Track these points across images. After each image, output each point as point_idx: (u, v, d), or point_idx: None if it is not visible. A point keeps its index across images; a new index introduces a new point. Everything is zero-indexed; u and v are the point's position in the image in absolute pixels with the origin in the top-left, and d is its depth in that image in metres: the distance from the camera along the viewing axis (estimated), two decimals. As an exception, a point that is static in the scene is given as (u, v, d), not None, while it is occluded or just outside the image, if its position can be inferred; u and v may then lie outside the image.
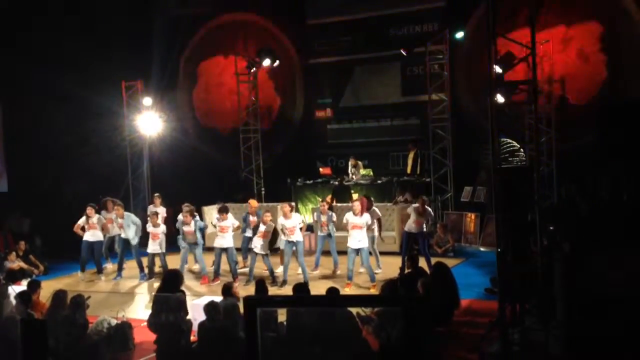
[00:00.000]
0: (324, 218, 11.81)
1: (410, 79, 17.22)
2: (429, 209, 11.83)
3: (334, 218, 11.87)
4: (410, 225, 11.64)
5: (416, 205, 11.73)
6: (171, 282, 8.26)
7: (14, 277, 12.25)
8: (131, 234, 12.60)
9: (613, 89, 14.81)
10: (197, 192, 16.16)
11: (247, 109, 18.00)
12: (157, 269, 12.60)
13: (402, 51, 15.74)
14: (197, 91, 20.00)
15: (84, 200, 13.16)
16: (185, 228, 12.02)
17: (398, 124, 17.55)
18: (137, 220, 12.84)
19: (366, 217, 10.98)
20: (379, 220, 11.98)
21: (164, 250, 12.32)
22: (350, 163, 16.41)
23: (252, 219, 12.12)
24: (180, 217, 12.28)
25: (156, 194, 14.21)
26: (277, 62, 17.15)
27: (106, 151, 16.05)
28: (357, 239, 10.83)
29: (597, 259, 7.37)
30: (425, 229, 11.72)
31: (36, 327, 6.22)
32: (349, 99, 18.20)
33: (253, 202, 12.62)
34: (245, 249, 12.83)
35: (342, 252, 11.82)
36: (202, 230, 12.35)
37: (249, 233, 12.34)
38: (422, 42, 15.87)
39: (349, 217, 11.03)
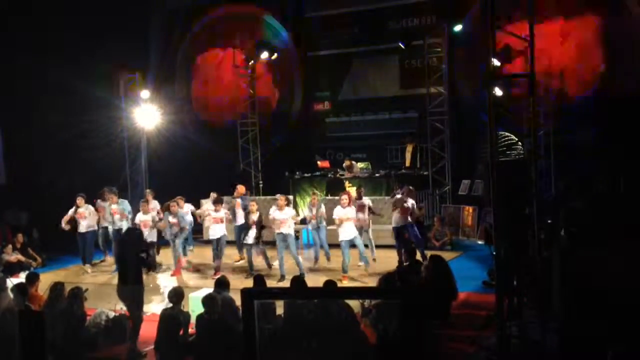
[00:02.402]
0: (313, 211, 11.94)
1: (408, 72, 17.19)
2: (411, 200, 11.82)
3: (322, 209, 11.93)
4: (396, 219, 11.62)
5: (399, 196, 11.77)
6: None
7: (12, 269, 12.26)
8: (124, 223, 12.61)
9: (611, 82, 14.80)
10: (195, 184, 16.13)
11: (245, 101, 17.99)
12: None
13: (400, 44, 15.73)
14: (195, 84, 19.94)
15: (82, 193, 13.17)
16: (170, 218, 12.07)
17: (396, 117, 17.54)
18: (129, 208, 12.82)
19: (353, 210, 11.09)
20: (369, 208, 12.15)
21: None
22: (345, 164, 16.38)
23: (238, 201, 12.42)
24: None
25: (148, 190, 14.18)
26: (275, 55, 17.13)
27: (104, 144, 15.99)
28: (348, 231, 10.92)
29: (594, 251, 7.38)
30: (410, 220, 11.63)
31: (34, 320, 6.23)
32: (347, 92, 18.18)
33: (241, 188, 12.98)
34: (239, 240, 12.82)
35: (333, 246, 11.80)
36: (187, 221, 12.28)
37: (240, 221, 12.36)
38: (421, 35, 15.84)
39: (337, 211, 11.11)
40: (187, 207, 12.94)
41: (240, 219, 12.30)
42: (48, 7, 15.62)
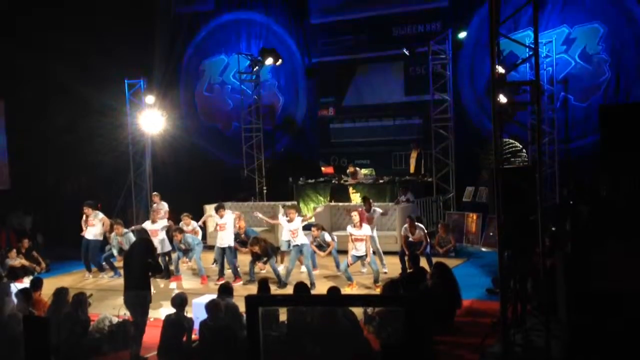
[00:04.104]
0: (315, 242, 11.69)
1: (413, 79, 17.21)
2: (421, 227, 11.79)
3: (327, 238, 11.71)
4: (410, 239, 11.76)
5: (406, 226, 11.78)
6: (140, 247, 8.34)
7: (16, 274, 12.26)
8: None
9: (615, 90, 14.81)
10: (199, 190, 16.19)
11: (249, 107, 18.03)
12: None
13: (404, 51, 15.76)
14: (200, 89, 20.02)
15: (86, 198, 13.18)
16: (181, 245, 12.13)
17: (401, 124, 17.55)
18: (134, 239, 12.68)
19: (366, 229, 10.96)
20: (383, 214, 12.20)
21: (165, 249, 12.35)
22: (349, 171, 16.39)
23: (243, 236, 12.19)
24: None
25: (154, 193, 14.22)
26: (280, 61, 17.17)
27: (108, 149, 16.06)
28: (360, 250, 10.88)
29: (598, 258, 7.37)
30: (424, 242, 11.63)
31: (38, 325, 6.24)
32: (351, 98, 18.20)
33: (242, 224, 12.33)
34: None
35: (342, 252, 11.77)
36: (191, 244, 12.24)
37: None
38: (425, 42, 15.88)
39: (349, 229, 11.07)
40: (193, 225, 12.86)
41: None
42: (53, 11, 15.71)
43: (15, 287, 9.01)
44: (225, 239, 11.80)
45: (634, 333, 6.52)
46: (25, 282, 10.43)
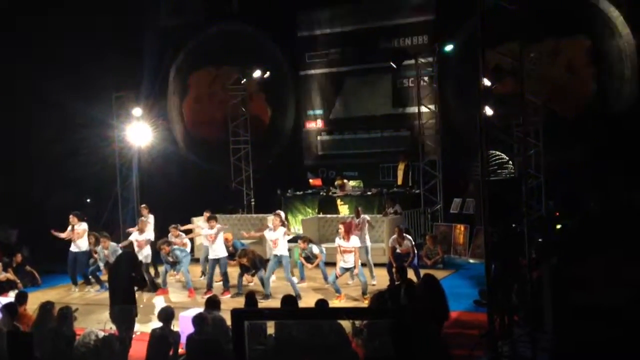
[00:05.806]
0: (303, 254, 11.80)
1: (400, 91, 17.30)
2: (408, 238, 11.79)
3: (315, 250, 11.79)
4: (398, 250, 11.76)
5: (394, 236, 11.78)
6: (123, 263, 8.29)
7: (1, 288, 12.13)
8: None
9: (601, 102, 14.94)
10: (186, 202, 16.11)
11: (237, 119, 18.01)
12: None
13: (391, 63, 15.85)
14: (188, 102, 19.99)
15: (72, 211, 13.09)
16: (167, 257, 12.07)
17: (388, 136, 17.60)
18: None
19: (354, 240, 10.95)
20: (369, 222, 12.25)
21: (148, 261, 12.30)
22: (336, 183, 16.41)
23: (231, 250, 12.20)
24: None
25: (142, 205, 14.16)
26: (267, 74, 17.20)
27: (95, 161, 15.96)
28: (349, 262, 10.87)
29: (585, 269, 7.40)
30: (412, 254, 11.62)
31: (23, 340, 6.18)
32: (339, 111, 18.25)
33: (228, 235, 12.36)
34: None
35: (331, 264, 11.76)
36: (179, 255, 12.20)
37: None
38: (412, 55, 15.97)
39: (338, 241, 11.08)
40: (181, 237, 12.79)
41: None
42: (43, 22, 15.66)
43: (0, 301, 8.91)
44: (218, 250, 11.75)
45: (620, 345, 6.54)
46: (10, 296, 10.32)
